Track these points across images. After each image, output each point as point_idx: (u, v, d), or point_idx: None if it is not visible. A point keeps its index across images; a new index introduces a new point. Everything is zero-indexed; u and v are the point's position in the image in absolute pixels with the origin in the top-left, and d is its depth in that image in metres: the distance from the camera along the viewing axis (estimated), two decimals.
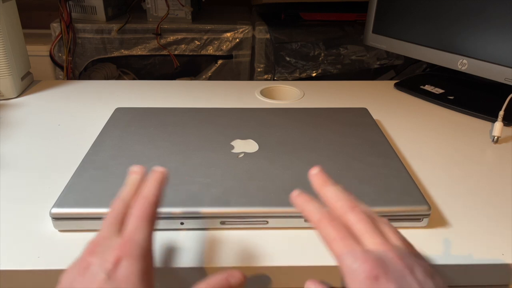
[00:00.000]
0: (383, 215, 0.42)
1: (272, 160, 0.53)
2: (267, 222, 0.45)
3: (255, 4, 1.28)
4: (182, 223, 0.45)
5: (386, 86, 0.88)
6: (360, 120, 0.63)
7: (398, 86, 0.87)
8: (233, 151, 0.54)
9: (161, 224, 0.45)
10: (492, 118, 0.68)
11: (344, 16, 1.16)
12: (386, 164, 0.52)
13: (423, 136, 0.67)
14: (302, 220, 0.45)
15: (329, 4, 1.19)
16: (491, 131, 0.67)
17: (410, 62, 1.13)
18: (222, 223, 0.45)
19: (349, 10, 1.17)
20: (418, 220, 0.46)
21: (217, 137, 0.57)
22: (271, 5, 1.20)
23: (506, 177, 0.57)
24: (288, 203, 0.43)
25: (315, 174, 0.36)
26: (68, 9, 1.03)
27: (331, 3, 1.19)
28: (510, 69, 0.69)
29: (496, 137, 0.65)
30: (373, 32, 0.89)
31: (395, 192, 0.47)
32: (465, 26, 0.74)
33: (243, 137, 0.57)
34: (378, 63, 1.13)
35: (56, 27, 1.05)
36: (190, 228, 0.45)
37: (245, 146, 0.55)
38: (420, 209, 0.45)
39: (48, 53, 1.06)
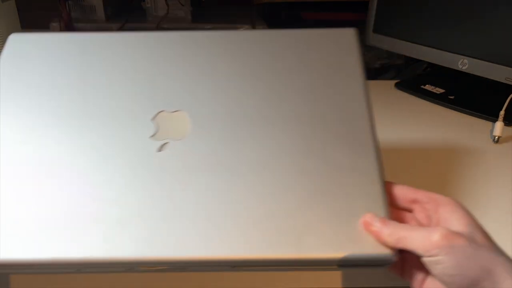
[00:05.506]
0: (327, 260, 0.32)
1: (212, 158, 0.36)
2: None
3: (255, 4, 1.27)
4: None
5: (386, 86, 0.88)
6: (338, 58, 0.42)
7: (398, 86, 0.87)
8: (152, 137, 0.37)
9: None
10: (493, 117, 0.68)
11: (344, 15, 1.16)
12: (354, 166, 0.36)
13: (423, 136, 0.67)
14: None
15: (329, 4, 1.19)
16: (491, 131, 0.66)
17: (411, 61, 1.12)
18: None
19: (349, 9, 1.16)
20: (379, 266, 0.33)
21: (135, 107, 0.39)
22: (271, 5, 1.20)
23: (507, 177, 0.56)
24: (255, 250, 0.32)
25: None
26: (67, 9, 1.03)
27: (331, 3, 1.18)
28: (510, 68, 0.69)
29: (496, 137, 0.65)
30: (373, 31, 0.89)
31: (347, 234, 0.32)
32: (465, 25, 0.74)
33: (171, 106, 0.39)
34: (378, 62, 1.12)
35: (55, 27, 1.04)
36: None
37: (171, 125, 0.38)
38: (380, 254, 0.32)
39: None
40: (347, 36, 0.43)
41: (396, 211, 0.35)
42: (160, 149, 0.36)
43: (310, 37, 0.42)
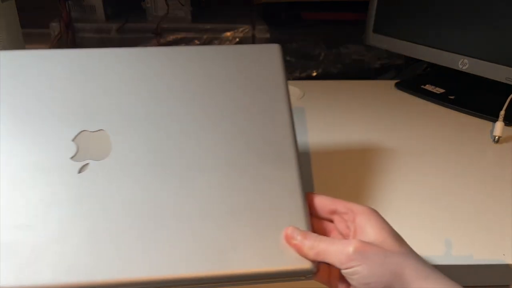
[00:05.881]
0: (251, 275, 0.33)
1: (132, 178, 0.35)
2: None
3: (255, 4, 1.27)
4: None
5: (386, 86, 0.88)
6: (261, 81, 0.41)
7: (398, 85, 0.87)
8: (73, 158, 0.36)
9: None
10: (493, 117, 0.68)
11: (345, 15, 1.16)
12: (275, 179, 0.36)
13: (424, 136, 0.67)
14: None
15: (329, 4, 1.19)
16: (492, 131, 0.66)
17: (411, 61, 1.12)
18: None
19: (349, 9, 1.16)
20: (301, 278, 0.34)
21: (58, 127, 0.37)
22: (271, 4, 1.20)
23: (507, 177, 0.56)
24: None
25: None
26: (67, 9, 1.03)
27: (331, 3, 1.18)
28: (510, 68, 0.69)
29: (497, 137, 0.65)
30: (373, 31, 0.89)
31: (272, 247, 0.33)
32: (466, 25, 0.74)
33: (93, 125, 0.37)
34: (378, 62, 1.12)
35: (55, 27, 1.04)
36: None
37: (92, 145, 0.37)
38: (300, 268, 0.33)
39: None
40: (271, 52, 0.42)
41: (319, 222, 0.37)
42: (81, 170, 0.35)
43: (235, 53, 0.42)
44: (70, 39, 1.05)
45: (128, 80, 0.39)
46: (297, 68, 1.11)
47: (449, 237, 0.45)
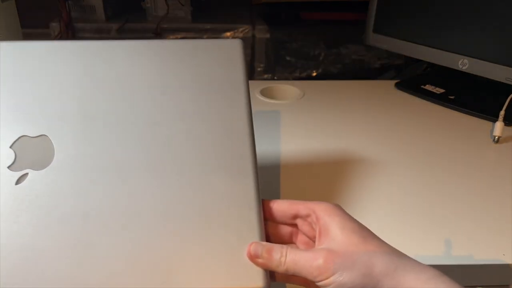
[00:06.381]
0: None
1: (75, 191, 0.32)
2: None
3: (255, 4, 1.28)
4: None
5: (386, 86, 0.88)
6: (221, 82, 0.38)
7: (398, 86, 0.87)
8: (11, 168, 0.32)
9: None
10: (493, 118, 0.68)
11: (345, 15, 1.16)
12: (230, 192, 0.33)
13: (423, 136, 0.67)
14: None
15: (329, 4, 1.19)
16: (491, 131, 0.66)
17: (411, 61, 1.13)
18: None
19: (349, 9, 1.16)
20: None
21: None
22: (271, 5, 1.20)
23: (507, 177, 0.56)
24: None
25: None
26: (67, 9, 1.03)
27: (331, 3, 1.18)
28: (510, 68, 0.69)
29: (497, 137, 0.65)
30: (373, 31, 0.89)
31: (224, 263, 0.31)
32: (466, 25, 0.74)
33: (35, 130, 0.33)
34: (378, 62, 1.12)
35: (55, 27, 1.04)
36: None
37: (32, 152, 0.33)
38: (251, 286, 0.31)
39: None
40: (231, 47, 0.38)
41: (282, 227, 0.36)
42: (18, 181, 0.31)
43: (193, 48, 0.38)
44: (70, 39, 1.05)
45: (75, 78, 0.35)
46: (297, 68, 1.11)
47: (449, 237, 0.45)
